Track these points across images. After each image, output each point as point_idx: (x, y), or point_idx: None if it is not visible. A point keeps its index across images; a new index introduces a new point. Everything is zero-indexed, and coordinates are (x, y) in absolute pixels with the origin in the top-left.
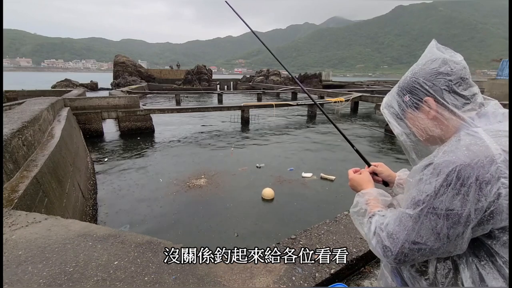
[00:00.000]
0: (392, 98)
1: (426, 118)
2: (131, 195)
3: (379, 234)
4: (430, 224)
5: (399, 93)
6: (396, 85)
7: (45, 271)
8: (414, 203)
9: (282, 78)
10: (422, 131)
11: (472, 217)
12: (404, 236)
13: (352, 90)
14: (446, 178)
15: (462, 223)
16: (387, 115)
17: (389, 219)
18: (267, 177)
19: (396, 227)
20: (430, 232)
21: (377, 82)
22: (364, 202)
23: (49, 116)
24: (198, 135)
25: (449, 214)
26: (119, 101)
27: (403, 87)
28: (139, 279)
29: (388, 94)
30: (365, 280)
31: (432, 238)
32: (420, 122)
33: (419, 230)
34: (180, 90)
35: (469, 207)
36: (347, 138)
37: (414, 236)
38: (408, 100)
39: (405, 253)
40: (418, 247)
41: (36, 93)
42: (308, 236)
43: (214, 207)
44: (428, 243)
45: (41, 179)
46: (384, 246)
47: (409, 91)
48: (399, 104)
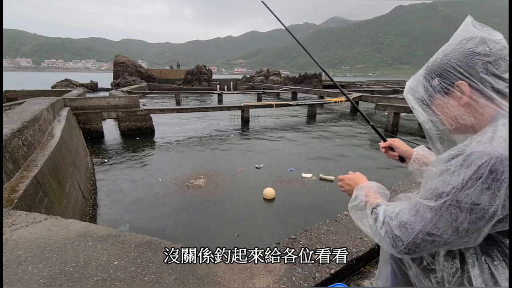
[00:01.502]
0: (418, 82)
1: (458, 105)
2: (131, 195)
3: (388, 223)
4: (451, 217)
5: (426, 76)
6: (422, 68)
7: (45, 271)
8: (436, 194)
9: (282, 78)
10: (452, 119)
11: (498, 214)
12: (420, 227)
13: (352, 90)
14: (477, 171)
15: (486, 218)
16: (411, 101)
17: (402, 209)
18: (267, 177)
19: (412, 217)
20: (448, 225)
21: (377, 82)
22: (363, 195)
23: (49, 116)
24: (197, 135)
25: (474, 208)
26: (119, 101)
27: (432, 69)
28: (139, 279)
29: (412, 78)
30: (365, 280)
31: (449, 231)
32: (450, 109)
33: (437, 222)
34: (180, 90)
35: (497, 203)
36: (363, 113)
37: (431, 228)
38: (437, 85)
39: (417, 243)
40: (433, 239)
41: (36, 93)
42: (308, 236)
43: (214, 207)
44: (444, 236)
45: (41, 179)
46: (394, 236)
47: (439, 74)
48: (426, 89)
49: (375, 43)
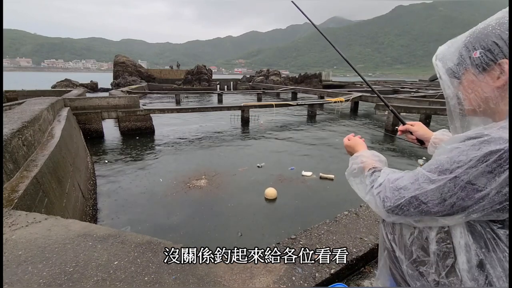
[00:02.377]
0: (455, 50)
1: (492, 85)
2: (131, 195)
3: (386, 185)
4: (443, 189)
5: (468, 45)
6: (465, 34)
7: (45, 271)
8: (440, 170)
9: (282, 78)
10: (480, 99)
11: (491, 197)
12: (413, 194)
13: (352, 90)
14: (487, 155)
15: (475, 199)
16: (439, 69)
17: (403, 176)
18: (268, 176)
19: (409, 184)
20: (438, 195)
21: (377, 82)
22: (359, 162)
23: (49, 116)
24: (198, 135)
25: (467, 187)
26: (119, 101)
27: (478, 37)
28: (139, 279)
29: (450, 42)
30: (365, 280)
31: (436, 201)
32: (482, 88)
33: (429, 192)
34: (180, 90)
35: (492, 187)
36: (381, 96)
37: (421, 195)
38: (478, 58)
39: (403, 205)
40: (418, 203)
41: (36, 93)
42: (308, 236)
43: (216, 207)
44: (429, 204)
45: (41, 179)
46: (386, 196)
47: (484, 46)
48: (462, 59)
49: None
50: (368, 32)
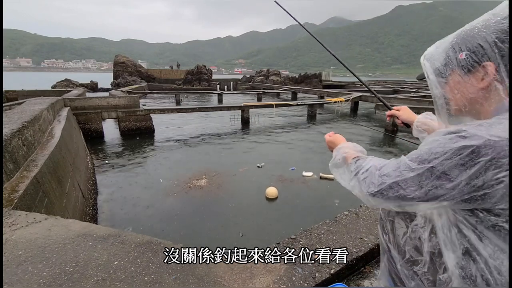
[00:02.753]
0: (443, 50)
1: (477, 87)
2: (131, 195)
3: (372, 171)
4: (421, 177)
5: (454, 46)
6: (452, 35)
7: (45, 271)
8: (420, 160)
9: (282, 78)
10: (465, 99)
11: (461, 188)
12: (394, 180)
13: (352, 90)
14: (461, 149)
15: (447, 188)
16: (427, 69)
17: (388, 163)
18: (269, 176)
19: (392, 171)
20: (416, 182)
21: (377, 82)
22: (342, 153)
23: (49, 116)
24: (198, 135)
25: (442, 177)
26: (119, 101)
27: (464, 39)
28: (139, 279)
29: (438, 43)
30: (365, 280)
31: (413, 188)
32: (467, 89)
33: (409, 179)
34: (180, 90)
35: (462, 178)
36: (368, 87)
37: (401, 181)
38: (464, 59)
39: (383, 189)
40: (397, 189)
41: (36, 93)
42: (308, 236)
43: (216, 208)
44: (407, 190)
45: (41, 179)
46: (371, 182)
47: (470, 47)
48: (448, 60)
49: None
50: (368, 32)
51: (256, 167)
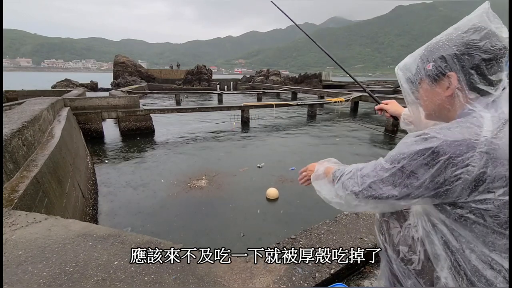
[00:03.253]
0: (413, 61)
1: (442, 95)
2: (131, 195)
3: (354, 172)
4: (394, 177)
5: (423, 57)
6: (422, 47)
7: (45, 271)
8: (391, 160)
9: (282, 78)
10: (433, 106)
11: (426, 185)
12: (372, 179)
13: (352, 90)
14: (424, 149)
15: (416, 186)
16: (401, 79)
17: (368, 165)
18: (269, 176)
19: (371, 172)
20: (391, 181)
21: (377, 82)
22: (323, 168)
23: (49, 116)
24: (198, 135)
25: (411, 175)
26: (119, 101)
27: (430, 51)
28: (139, 279)
29: (410, 55)
30: (365, 280)
31: (389, 187)
32: (435, 97)
33: (384, 179)
34: (180, 90)
35: (426, 177)
36: (357, 81)
37: (377, 181)
38: (430, 69)
39: (364, 189)
40: (375, 187)
41: (36, 93)
42: (308, 236)
43: (217, 208)
44: (384, 189)
45: (41, 179)
46: (355, 182)
47: (435, 59)
48: (418, 70)
49: (375, 43)
50: (368, 32)
51: (256, 167)
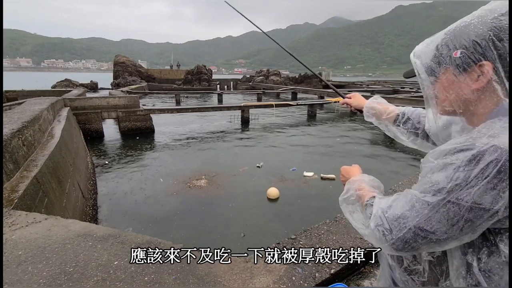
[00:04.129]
0: (434, 48)
1: (471, 87)
2: (131, 195)
3: (380, 217)
4: (447, 214)
5: (448, 43)
6: (444, 31)
7: (45, 271)
8: (436, 189)
9: (282, 78)
10: (460, 101)
11: (499, 215)
12: (414, 223)
13: (352, 90)
14: (485, 169)
15: (485, 218)
16: (419, 68)
17: (396, 201)
18: (269, 176)
19: (407, 212)
20: (444, 222)
21: (377, 82)
22: (355, 188)
23: (49, 116)
24: (197, 135)
25: (474, 207)
26: (119, 101)
27: (458, 35)
28: (139, 279)
29: (428, 40)
30: (365, 280)
31: (443, 229)
32: (462, 89)
33: (432, 218)
34: (180, 90)
35: (500, 204)
36: (319, 76)
37: (424, 223)
38: (459, 58)
39: (408, 239)
40: (425, 234)
41: (36, 93)
42: (308, 236)
43: (217, 208)
44: (437, 233)
45: (41, 179)
46: (385, 229)
47: (465, 46)
48: (441, 58)
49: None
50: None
51: (256, 167)
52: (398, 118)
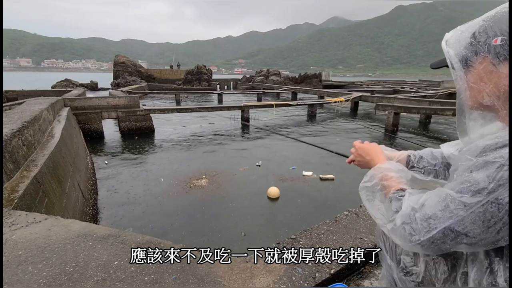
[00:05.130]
0: (469, 35)
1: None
2: (132, 195)
3: (409, 215)
4: (484, 215)
5: (487, 30)
6: (479, 19)
7: (45, 271)
8: (475, 190)
9: (282, 78)
10: (500, 93)
11: None
12: (447, 224)
13: (352, 90)
14: None
15: None
16: (451, 58)
17: (428, 200)
18: (269, 176)
19: (439, 212)
20: (479, 223)
21: (377, 82)
22: (380, 178)
23: (49, 116)
24: (198, 135)
25: None
26: (119, 101)
27: (499, 21)
28: (139, 279)
29: (460, 28)
30: (365, 280)
31: (478, 230)
32: (501, 81)
33: (466, 219)
34: (180, 90)
35: None
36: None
37: (456, 224)
38: (499, 45)
39: (436, 239)
40: (455, 235)
41: (36, 93)
42: (308, 236)
43: (217, 207)
44: (470, 234)
45: (41, 179)
46: (412, 228)
47: (505, 31)
48: (478, 47)
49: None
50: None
51: (256, 166)
52: (410, 159)
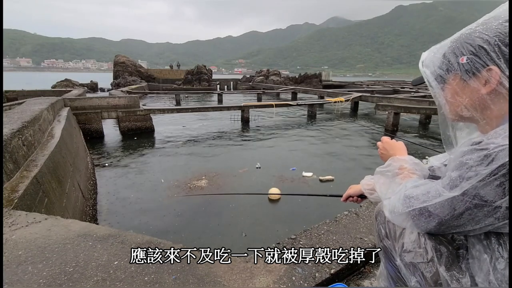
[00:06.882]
0: (441, 55)
1: (481, 91)
2: (132, 195)
3: (399, 191)
4: (452, 202)
5: (455, 50)
6: (450, 39)
7: (45, 271)
8: (451, 186)
9: (282, 78)
10: (473, 104)
11: (502, 211)
12: (421, 204)
13: (352, 90)
14: (497, 169)
15: (485, 211)
16: (428, 77)
17: (420, 185)
18: (269, 177)
19: (421, 195)
20: (449, 210)
21: (377, 82)
22: (397, 166)
23: (49, 116)
24: (198, 136)
25: (477, 197)
26: (119, 101)
27: (464, 42)
28: (139, 279)
29: (434, 48)
30: (365, 280)
31: (448, 216)
32: (473, 94)
33: (440, 205)
34: (180, 90)
35: (502, 200)
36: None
37: (430, 206)
38: (466, 63)
39: (412, 216)
40: (428, 214)
41: (36, 93)
42: (308, 236)
43: (217, 208)
44: (440, 215)
45: (41, 179)
46: (395, 205)
47: (472, 51)
48: (450, 65)
49: (375, 43)
50: (368, 32)
51: (256, 168)
52: None
